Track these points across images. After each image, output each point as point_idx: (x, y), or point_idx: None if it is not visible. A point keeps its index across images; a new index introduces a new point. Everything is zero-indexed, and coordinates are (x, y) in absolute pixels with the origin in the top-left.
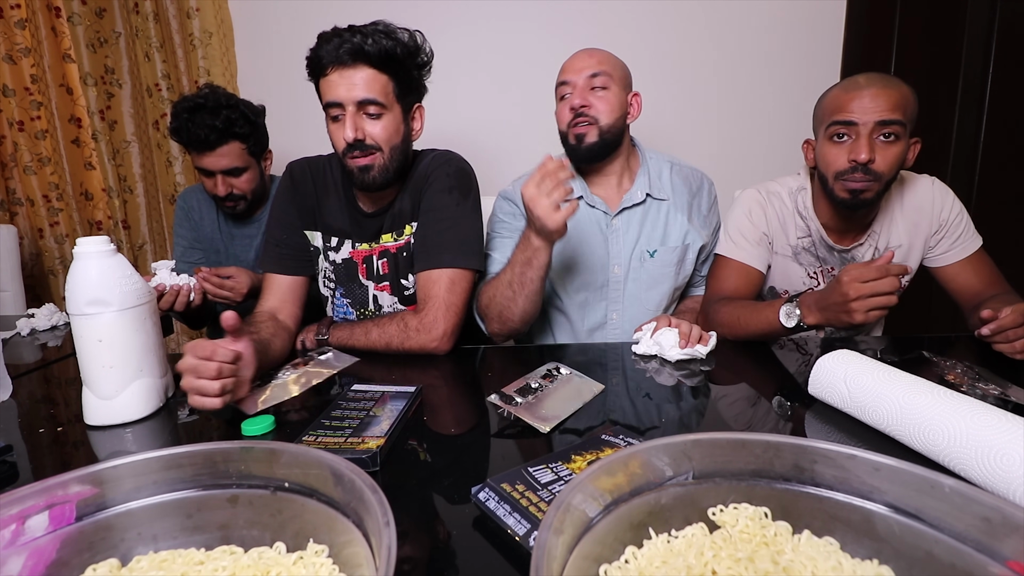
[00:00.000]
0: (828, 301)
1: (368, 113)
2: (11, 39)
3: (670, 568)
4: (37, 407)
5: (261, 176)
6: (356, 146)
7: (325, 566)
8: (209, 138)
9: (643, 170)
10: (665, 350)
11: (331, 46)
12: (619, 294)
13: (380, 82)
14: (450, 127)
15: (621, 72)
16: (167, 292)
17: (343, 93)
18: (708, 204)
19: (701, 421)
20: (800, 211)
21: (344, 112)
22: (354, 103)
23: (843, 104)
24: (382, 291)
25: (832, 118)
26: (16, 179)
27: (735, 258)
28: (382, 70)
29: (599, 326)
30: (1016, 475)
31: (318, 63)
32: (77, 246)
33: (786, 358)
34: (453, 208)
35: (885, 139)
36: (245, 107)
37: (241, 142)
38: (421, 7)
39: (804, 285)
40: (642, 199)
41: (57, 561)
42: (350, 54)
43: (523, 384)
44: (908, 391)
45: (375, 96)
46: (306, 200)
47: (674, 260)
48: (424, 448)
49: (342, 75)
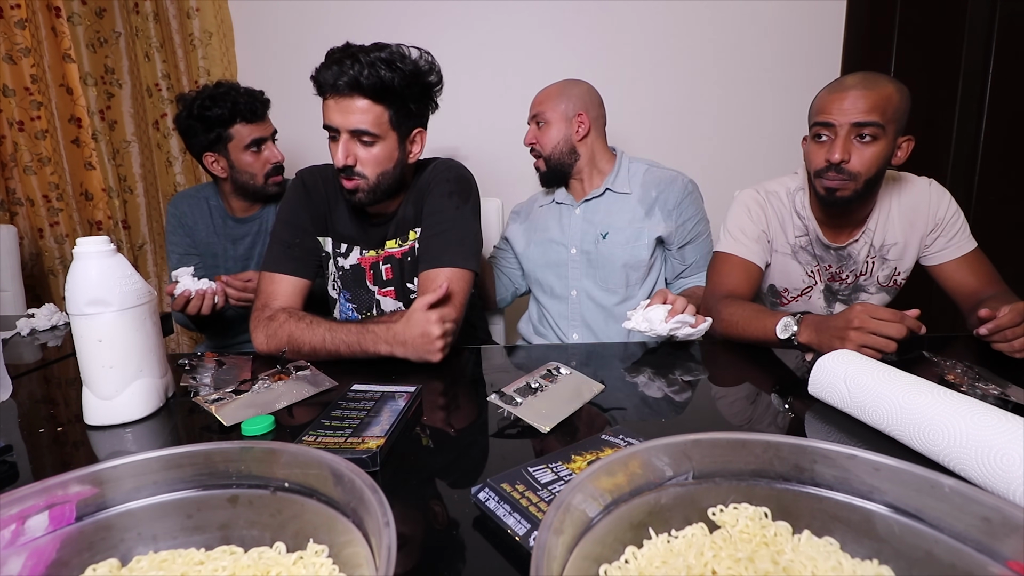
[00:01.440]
0: (829, 323)
1: (362, 141)
2: (11, 39)
3: (670, 568)
4: (37, 407)
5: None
6: (344, 171)
7: (325, 566)
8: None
9: (614, 171)
10: (654, 324)
11: (330, 74)
12: (578, 272)
13: (375, 113)
14: (450, 127)
15: (558, 107)
16: (193, 297)
17: (338, 120)
18: (678, 198)
19: (701, 421)
20: (798, 210)
21: (339, 136)
22: (347, 131)
23: (824, 105)
24: (386, 296)
25: (815, 118)
26: (16, 179)
27: (735, 253)
28: (378, 101)
29: (562, 299)
30: (1016, 475)
31: (319, 87)
32: (77, 246)
33: (786, 358)
34: (453, 211)
35: (861, 140)
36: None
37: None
38: (421, 8)
39: (803, 283)
40: (602, 192)
41: (57, 561)
42: (347, 85)
43: (523, 384)
44: (908, 391)
45: (367, 127)
46: (318, 207)
47: (623, 241)
48: (424, 448)
49: (338, 103)
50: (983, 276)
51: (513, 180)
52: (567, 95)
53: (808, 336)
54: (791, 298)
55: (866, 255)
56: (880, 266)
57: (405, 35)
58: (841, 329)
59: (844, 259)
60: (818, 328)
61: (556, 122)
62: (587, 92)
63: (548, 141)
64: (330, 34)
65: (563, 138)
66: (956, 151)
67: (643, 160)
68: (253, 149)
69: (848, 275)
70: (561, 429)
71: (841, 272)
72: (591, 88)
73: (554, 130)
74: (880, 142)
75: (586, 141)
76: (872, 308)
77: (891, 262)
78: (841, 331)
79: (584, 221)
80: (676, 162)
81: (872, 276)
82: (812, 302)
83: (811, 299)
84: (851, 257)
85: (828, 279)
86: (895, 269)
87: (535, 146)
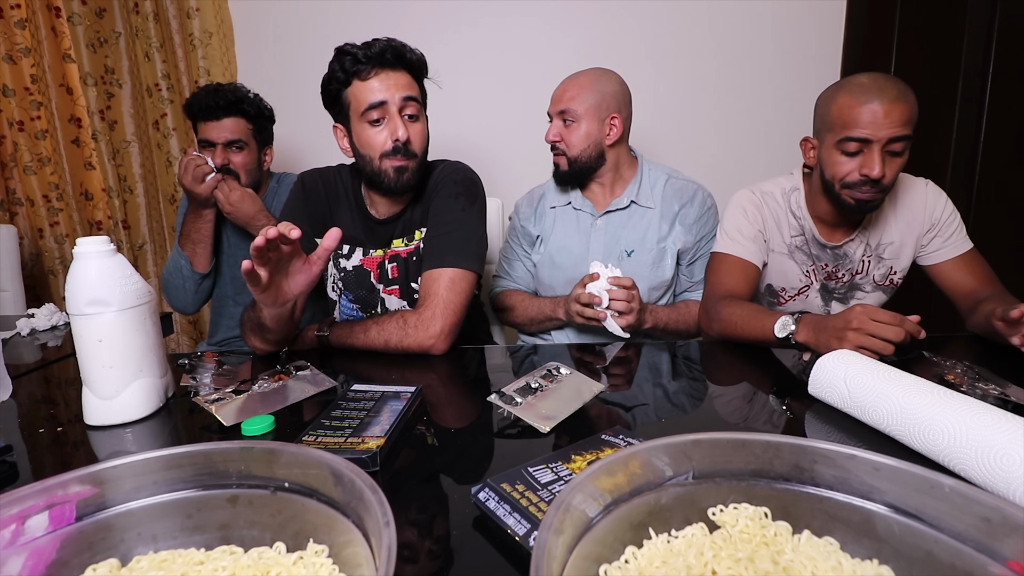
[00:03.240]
0: (827, 323)
1: (409, 115)
2: (11, 39)
3: (670, 568)
4: (37, 407)
5: (259, 166)
6: (401, 149)
7: (325, 566)
8: (218, 103)
9: (636, 179)
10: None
11: (373, 50)
12: None
13: (416, 88)
14: (450, 128)
15: (589, 103)
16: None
17: (388, 93)
18: (697, 213)
19: (701, 421)
20: (793, 210)
21: (387, 114)
22: (398, 102)
23: (856, 119)
24: (391, 295)
25: (845, 132)
26: (16, 179)
27: (732, 253)
28: (415, 77)
29: None
30: (1016, 475)
31: (354, 66)
32: (77, 246)
33: (785, 358)
34: (459, 212)
35: (893, 153)
36: (257, 98)
37: (247, 121)
38: (421, 8)
39: (800, 283)
40: (626, 204)
41: (57, 561)
42: (395, 57)
43: (523, 384)
44: (908, 391)
45: (416, 95)
46: (318, 209)
47: (649, 261)
48: (424, 448)
49: (387, 76)
50: (980, 276)
51: (513, 180)
52: (600, 91)
53: (806, 335)
54: (788, 297)
55: (862, 254)
56: (876, 265)
57: (405, 35)
58: (839, 329)
59: (840, 258)
60: (816, 328)
61: (587, 121)
62: (621, 90)
63: (576, 141)
64: (330, 34)
65: (593, 140)
66: (956, 151)
67: (662, 167)
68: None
69: (844, 274)
70: (561, 429)
71: (837, 271)
72: (623, 83)
73: (583, 130)
74: (907, 151)
75: (616, 146)
76: (872, 310)
77: (887, 261)
78: (839, 331)
79: (607, 235)
80: (675, 163)
81: (868, 275)
82: (809, 301)
83: (808, 298)
84: (847, 256)
85: (824, 278)
86: (891, 268)
87: (559, 144)
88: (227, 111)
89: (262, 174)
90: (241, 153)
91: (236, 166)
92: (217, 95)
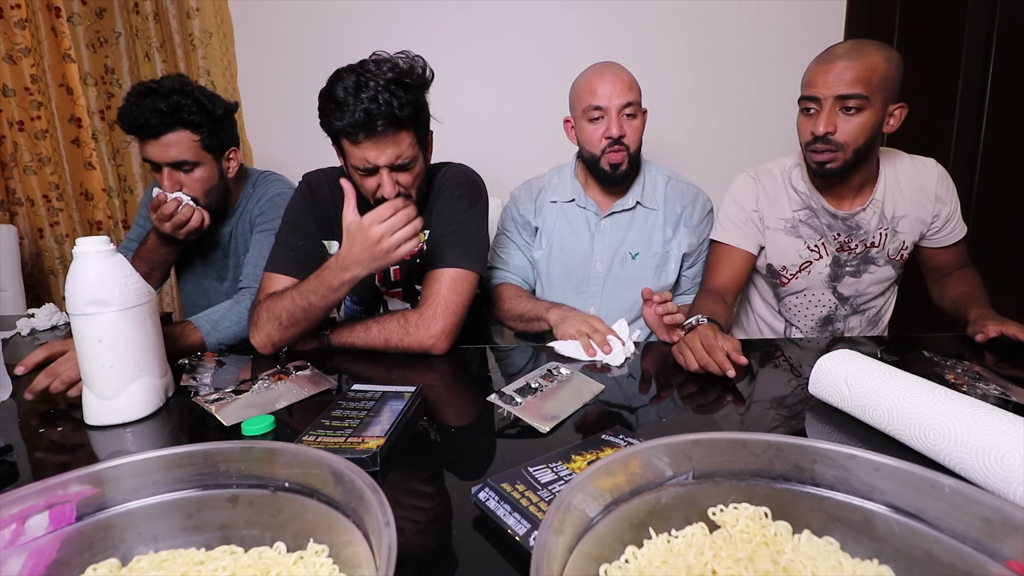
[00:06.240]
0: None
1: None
2: (11, 39)
3: (670, 568)
4: (37, 407)
5: (222, 178)
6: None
7: (325, 566)
8: (151, 122)
9: (639, 180)
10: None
11: (359, 118)
12: (598, 289)
13: (408, 140)
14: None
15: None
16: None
17: (382, 159)
18: (699, 216)
19: (701, 421)
20: (794, 184)
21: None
22: (387, 166)
23: (811, 78)
24: (393, 297)
25: (802, 91)
26: (16, 179)
27: (723, 241)
28: (410, 130)
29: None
30: (1016, 475)
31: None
32: (77, 246)
33: (785, 357)
34: (461, 214)
35: (847, 111)
36: (202, 95)
37: (192, 132)
38: (421, 9)
39: (801, 259)
40: (632, 206)
41: (57, 561)
42: (386, 123)
43: (523, 384)
44: (908, 391)
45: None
46: (324, 210)
47: (653, 265)
48: (424, 448)
49: (379, 142)
50: (959, 256)
51: (515, 181)
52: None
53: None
54: (791, 276)
55: (876, 225)
56: (891, 238)
57: (405, 36)
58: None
59: (853, 228)
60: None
61: (641, 114)
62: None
63: (637, 136)
64: (330, 34)
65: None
66: (956, 151)
67: (661, 168)
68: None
69: (857, 245)
70: (561, 429)
71: (850, 242)
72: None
73: (640, 123)
74: (865, 112)
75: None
76: (705, 333)
77: (901, 235)
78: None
79: (612, 236)
80: (673, 163)
81: (884, 248)
82: (812, 277)
83: (810, 274)
84: (860, 227)
85: (836, 249)
86: (903, 243)
87: (623, 139)
88: (166, 125)
89: (229, 182)
90: (192, 174)
91: (191, 189)
92: (150, 108)
